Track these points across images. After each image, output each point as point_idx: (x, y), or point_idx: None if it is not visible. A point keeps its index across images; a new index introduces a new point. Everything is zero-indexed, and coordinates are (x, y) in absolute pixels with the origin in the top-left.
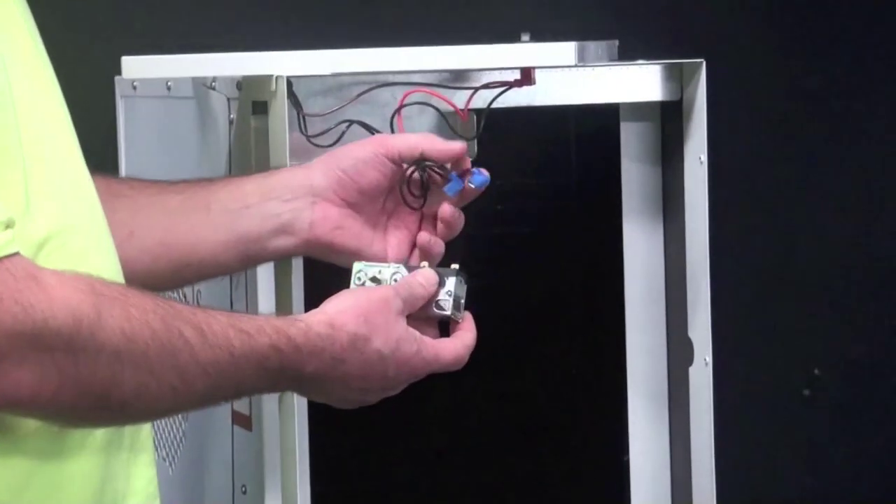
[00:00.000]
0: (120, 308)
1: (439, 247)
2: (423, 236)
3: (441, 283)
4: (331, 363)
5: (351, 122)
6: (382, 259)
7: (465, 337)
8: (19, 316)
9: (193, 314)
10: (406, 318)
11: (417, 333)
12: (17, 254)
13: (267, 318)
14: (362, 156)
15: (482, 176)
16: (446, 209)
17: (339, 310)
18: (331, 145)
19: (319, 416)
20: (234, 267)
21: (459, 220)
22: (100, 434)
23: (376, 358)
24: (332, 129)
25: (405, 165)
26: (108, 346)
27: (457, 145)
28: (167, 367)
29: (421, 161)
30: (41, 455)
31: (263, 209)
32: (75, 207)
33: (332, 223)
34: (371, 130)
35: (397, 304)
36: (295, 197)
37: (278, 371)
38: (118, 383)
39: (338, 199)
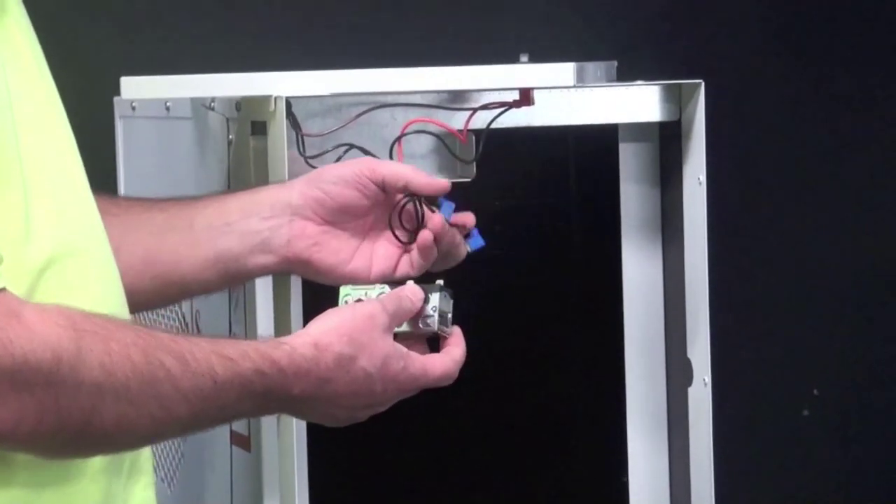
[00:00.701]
0: (100, 342)
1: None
2: (426, 234)
3: (426, 300)
4: (317, 384)
5: (350, 147)
6: (365, 275)
7: (453, 352)
8: None
9: (175, 343)
10: (394, 335)
11: (404, 349)
12: (2, 290)
13: (251, 343)
14: (345, 174)
15: (479, 240)
16: (425, 236)
17: (323, 330)
18: None
19: (318, 437)
20: (217, 285)
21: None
22: (99, 458)
23: (363, 376)
24: (329, 151)
25: (398, 197)
26: (87, 380)
27: (441, 182)
28: (148, 397)
29: (410, 193)
30: (39, 480)
31: (243, 227)
32: (78, 231)
33: (309, 240)
34: (369, 155)
35: (383, 319)
36: (274, 215)
37: (263, 395)
38: (99, 415)
39: (316, 217)
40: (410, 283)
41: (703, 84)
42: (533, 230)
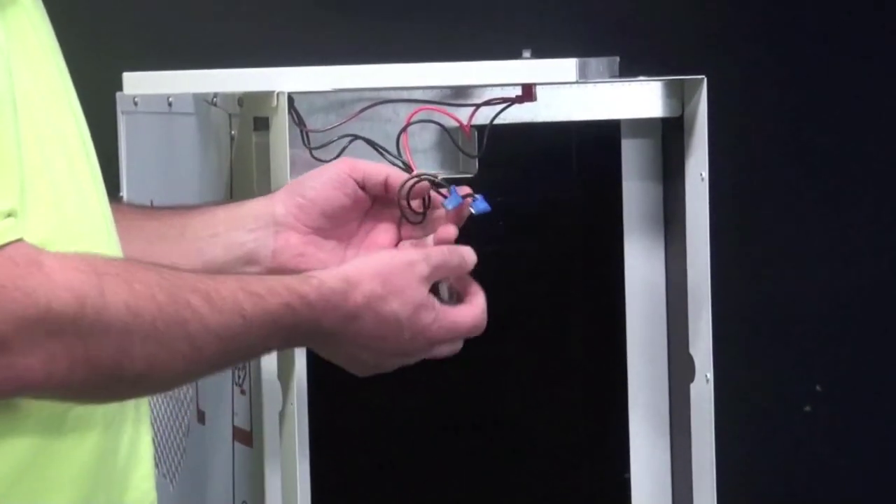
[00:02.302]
0: (123, 284)
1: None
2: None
3: None
4: (344, 319)
5: (354, 137)
6: None
7: (479, 301)
8: (22, 302)
9: (201, 282)
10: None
11: (438, 304)
12: (19, 240)
13: (279, 278)
14: (326, 177)
15: (484, 204)
16: (450, 231)
17: (357, 267)
18: (333, 159)
19: (320, 433)
20: None
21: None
22: (92, 447)
23: (392, 319)
24: (334, 141)
25: (407, 176)
26: (114, 323)
27: (422, 184)
28: (177, 337)
29: (421, 174)
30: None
31: (229, 238)
32: (75, 218)
33: (294, 250)
34: (373, 146)
35: (422, 268)
36: (258, 226)
37: (292, 328)
38: (129, 358)
39: (300, 226)
40: (468, 248)
41: (705, 80)
42: (535, 226)
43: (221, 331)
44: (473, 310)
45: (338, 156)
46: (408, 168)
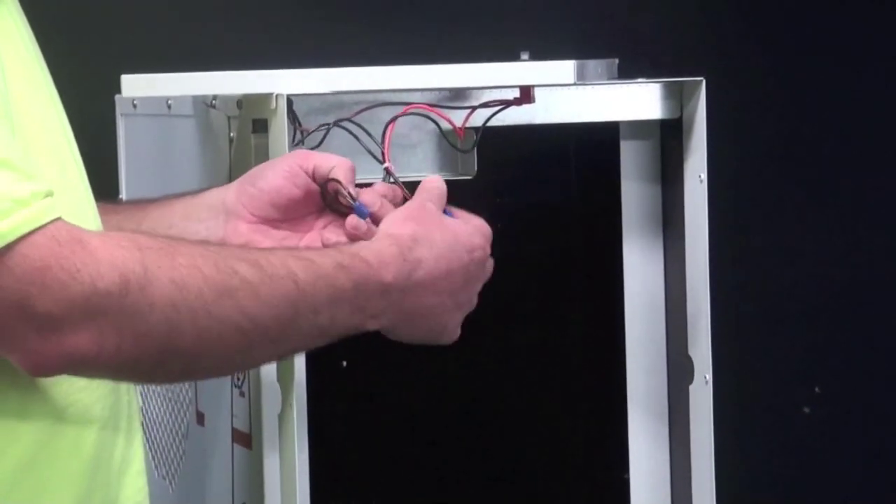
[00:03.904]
0: (167, 257)
1: None
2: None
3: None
4: (408, 268)
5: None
6: None
7: (462, 212)
8: (67, 282)
9: (248, 252)
10: None
11: (461, 220)
12: (59, 219)
13: (326, 248)
14: (279, 168)
15: (363, 209)
16: (354, 223)
17: (389, 222)
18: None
19: (319, 434)
20: None
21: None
22: (90, 446)
23: (446, 248)
24: (327, 138)
25: (334, 170)
26: (159, 297)
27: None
28: (227, 307)
29: (327, 181)
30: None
31: (184, 229)
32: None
33: (241, 238)
34: (369, 135)
35: (432, 206)
36: (210, 216)
37: (354, 290)
38: (178, 332)
39: (249, 215)
40: (431, 176)
41: (704, 82)
42: (533, 228)
43: (274, 298)
44: (472, 215)
45: (319, 145)
46: (381, 158)
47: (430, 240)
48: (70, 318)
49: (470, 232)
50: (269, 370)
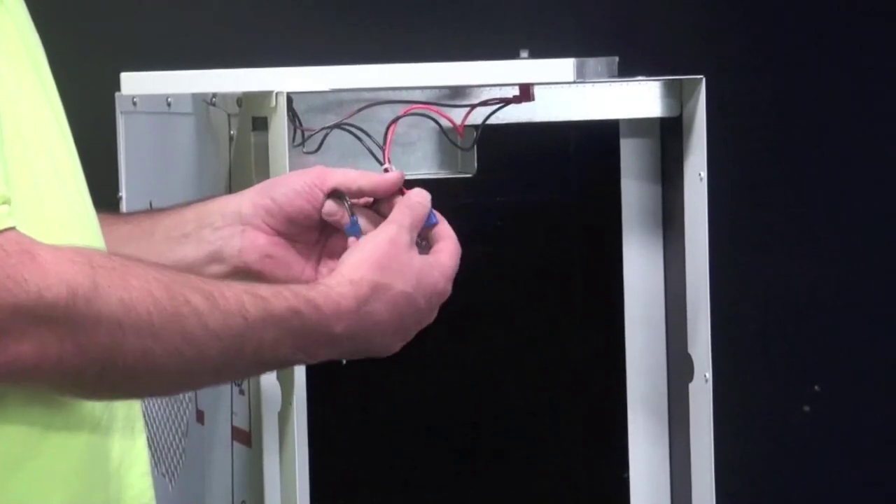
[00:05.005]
0: (119, 278)
1: None
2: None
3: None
4: (359, 318)
5: (342, 127)
6: None
7: (444, 226)
8: (13, 290)
9: (204, 282)
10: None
11: (430, 257)
12: (12, 229)
13: (286, 285)
14: (295, 185)
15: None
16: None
17: (353, 265)
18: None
19: (319, 432)
20: None
21: None
22: (81, 447)
23: (403, 300)
24: (327, 138)
25: (335, 190)
26: (106, 314)
27: (389, 178)
28: (173, 332)
29: (340, 194)
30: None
31: (198, 236)
32: (55, 218)
33: (261, 251)
34: (369, 136)
35: (404, 238)
36: (225, 224)
37: (303, 335)
38: (121, 351)
39: (266, 227)
40: (417, 189)
41: (704, 80)
42: (533, 226)
43: (221, 330)
44: (448, 245)
45: (318, 147)
46: (381, 159)
47: (390, 291)
48: (12, 326)
49: (435, 276)
50: None
